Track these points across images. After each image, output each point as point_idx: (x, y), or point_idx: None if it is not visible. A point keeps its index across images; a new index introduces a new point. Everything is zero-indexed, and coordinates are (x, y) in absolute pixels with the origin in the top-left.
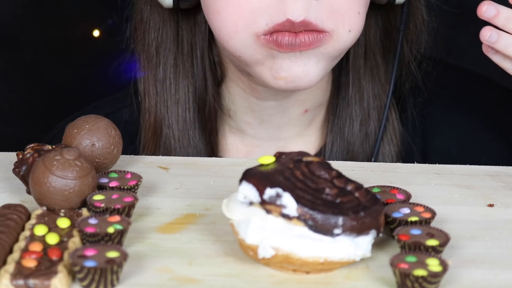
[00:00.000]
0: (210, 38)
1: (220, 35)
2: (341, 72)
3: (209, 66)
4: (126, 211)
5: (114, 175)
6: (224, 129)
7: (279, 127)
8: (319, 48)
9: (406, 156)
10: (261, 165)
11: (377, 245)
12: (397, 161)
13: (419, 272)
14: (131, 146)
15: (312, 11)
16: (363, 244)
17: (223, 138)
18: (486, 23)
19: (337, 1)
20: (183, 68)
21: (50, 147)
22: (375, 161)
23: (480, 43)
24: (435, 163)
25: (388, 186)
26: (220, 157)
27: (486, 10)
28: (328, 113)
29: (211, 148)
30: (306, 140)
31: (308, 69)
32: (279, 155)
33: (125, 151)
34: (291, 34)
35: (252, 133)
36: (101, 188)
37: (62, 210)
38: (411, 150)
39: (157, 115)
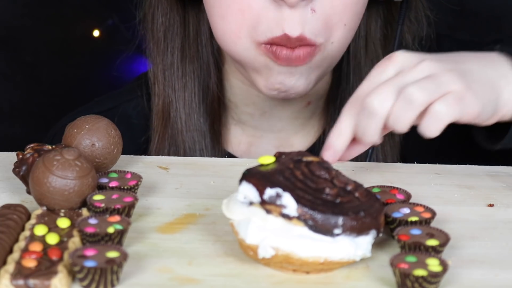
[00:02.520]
0: None
1: (223, 39)
2: (342, 63)
3: (211, 52)
4: (126, 211)
5: (114, 175)
6: (227, 120)
7: (281, 118)
8: (311, 63)
9: (405, 144)
10: (261, 165)
11: (377, 245)
12: (397, 151)
13: (419, 272)
14: (137, 139)
15: (308, 25)
16: (363, 244)
17: (226, 128)
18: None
19: (330, 13)
20: (189, 52)
21: (50, 147)
22: (372, 152)
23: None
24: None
25: (388, 186)
26: (223, 146)
27: None
28: (329, 105)
29: (215, 135)
30: (307, 132)
31: (299, 83)
32: (279, 155)
33: (129, 145)
34: (288, 49)
35: (254, 124)
36: (101, 188)
37: (62, 210)
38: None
39: (165, 99)
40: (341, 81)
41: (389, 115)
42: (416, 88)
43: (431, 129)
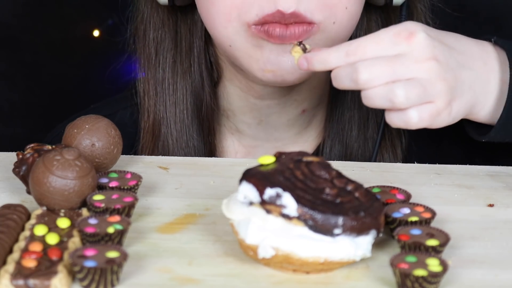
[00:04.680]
0: (206, 37)
1: (213, 25)
2: None
3: (205, 66)
4: (126, 211)
5: (114, 175)
6: (222, 130)
7: (277, 127)
8: (308, 41)
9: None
10: (261, 165)
11: (377, 245)
12: (400, 155)
13: (419, 272)
14: (131, 148)
15: (302, 2)
16: (363, 244)
17: (221, 139)
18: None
19: None
20: (181, 68)
21: (50, 147)
22: (376, 154)
23: None
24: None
25: (388, 186)
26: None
27: None
28: (326, 115)
29: (209, 149)
30: (304, 141)
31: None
32: (279, 155)
33: (124, 154)
34: (282, 26)
35: (251, 133)
36: (101, 188)
37: (62, 210)
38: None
39: (156, 115)
40: (340, 95)
41: (366, 90)
42: (404, 91)
43: (395, 124)
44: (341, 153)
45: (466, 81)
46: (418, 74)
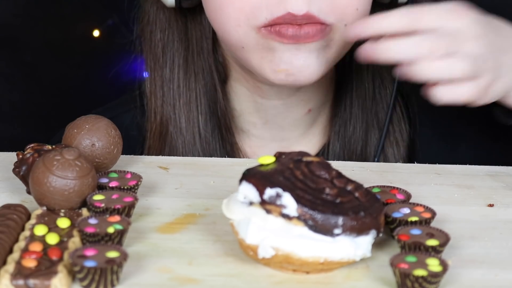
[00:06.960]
0: (214, 38)
1: (223, 29)
2: (344, 73)
3: (215, 66)
4: (126, 211)
5: (114, 175)
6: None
7: (282, 127)
8: (321, 41)
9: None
10: (261, 165)
11: (377, 245)
12: (405, 152)
13: (419, 272)
14: (134, 152)
15: (314, 4)
16: (363, 244)
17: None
18: None
19: None
20: (194, 68)
21: (50, 147)
22: (380, 153)
23: None
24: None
25: (388, 186)
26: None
27: None
28: (331, 113)
29: (231, 149)
30: (309, 141)
31: (309, 63)
32: (279, 155)
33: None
34: (294, 26)
35: (257, 133)
36: (101, 188)
37: (62, 210)
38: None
39: (164, 116)
40: (343, 92)
41: (422, 63)
42: (461, 65)
43: (444, 98)
44: (345, 152)
45: (505, 64)
46: (473, 50)
